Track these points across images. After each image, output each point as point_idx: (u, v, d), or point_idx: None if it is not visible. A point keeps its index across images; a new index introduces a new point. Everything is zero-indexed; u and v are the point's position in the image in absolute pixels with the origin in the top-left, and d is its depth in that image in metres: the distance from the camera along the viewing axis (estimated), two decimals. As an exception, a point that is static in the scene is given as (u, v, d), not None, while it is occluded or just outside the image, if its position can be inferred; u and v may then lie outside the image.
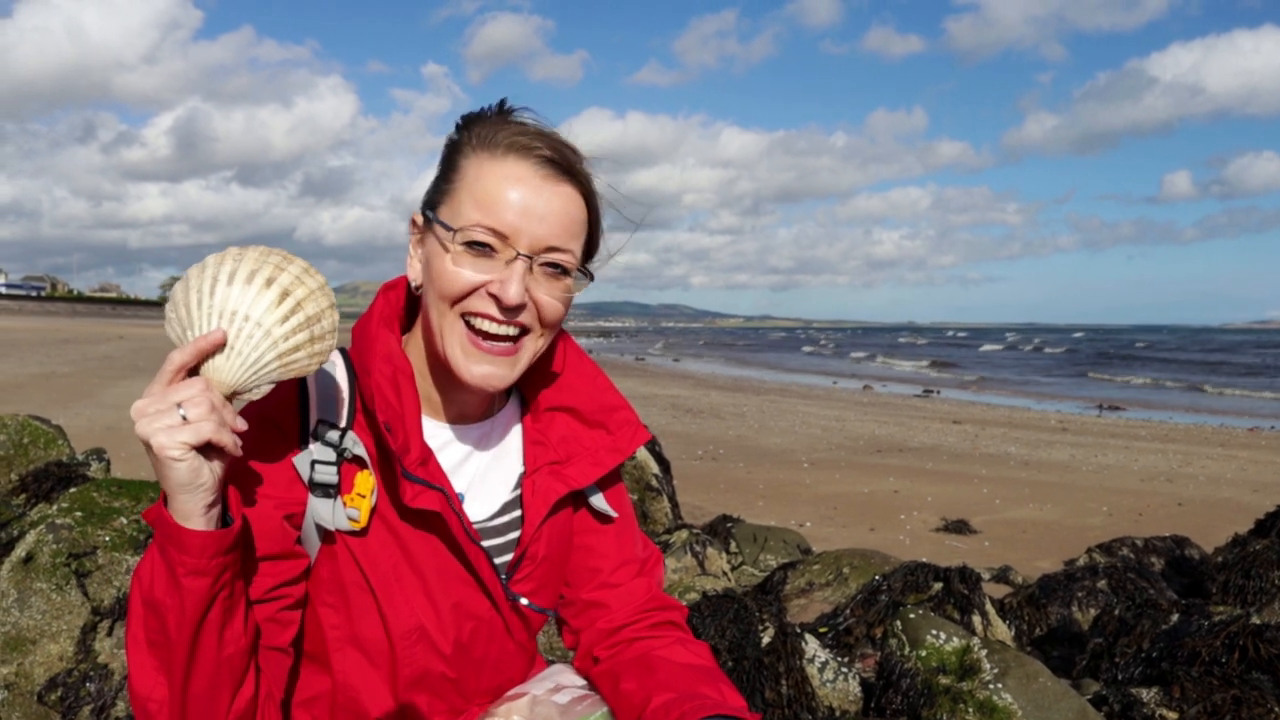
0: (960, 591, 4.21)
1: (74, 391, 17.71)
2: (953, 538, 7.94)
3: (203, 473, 1.19)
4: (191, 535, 1.20)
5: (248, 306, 1.23)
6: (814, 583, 5.04)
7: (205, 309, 1.23)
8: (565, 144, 1.46)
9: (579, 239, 1.46)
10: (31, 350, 32.30)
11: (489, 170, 1.41)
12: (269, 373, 1.25)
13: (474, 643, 1.53)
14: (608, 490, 1.68)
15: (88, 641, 3.18)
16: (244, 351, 1.22)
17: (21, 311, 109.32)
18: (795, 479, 10.60)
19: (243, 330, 1.22)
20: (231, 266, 1.25)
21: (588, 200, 1.47)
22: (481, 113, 1.49)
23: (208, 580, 1.22)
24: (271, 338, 1.24)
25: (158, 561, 1.23)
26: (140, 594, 1.25)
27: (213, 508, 1.23)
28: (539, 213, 1.40)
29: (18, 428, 5.53)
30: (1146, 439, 15.88)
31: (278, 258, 1.28)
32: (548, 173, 1.42)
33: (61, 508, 3.52)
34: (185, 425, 1.17)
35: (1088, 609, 4.56)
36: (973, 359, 58.03)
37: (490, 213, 1.39)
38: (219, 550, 1.22)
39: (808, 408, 20.44)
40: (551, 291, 1.44)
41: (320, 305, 1.29)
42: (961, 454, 13.18)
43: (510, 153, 1.42)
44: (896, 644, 3.15)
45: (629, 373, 33.29)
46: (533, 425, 1.64)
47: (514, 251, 1.40)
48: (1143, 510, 9.25)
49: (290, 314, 1.25)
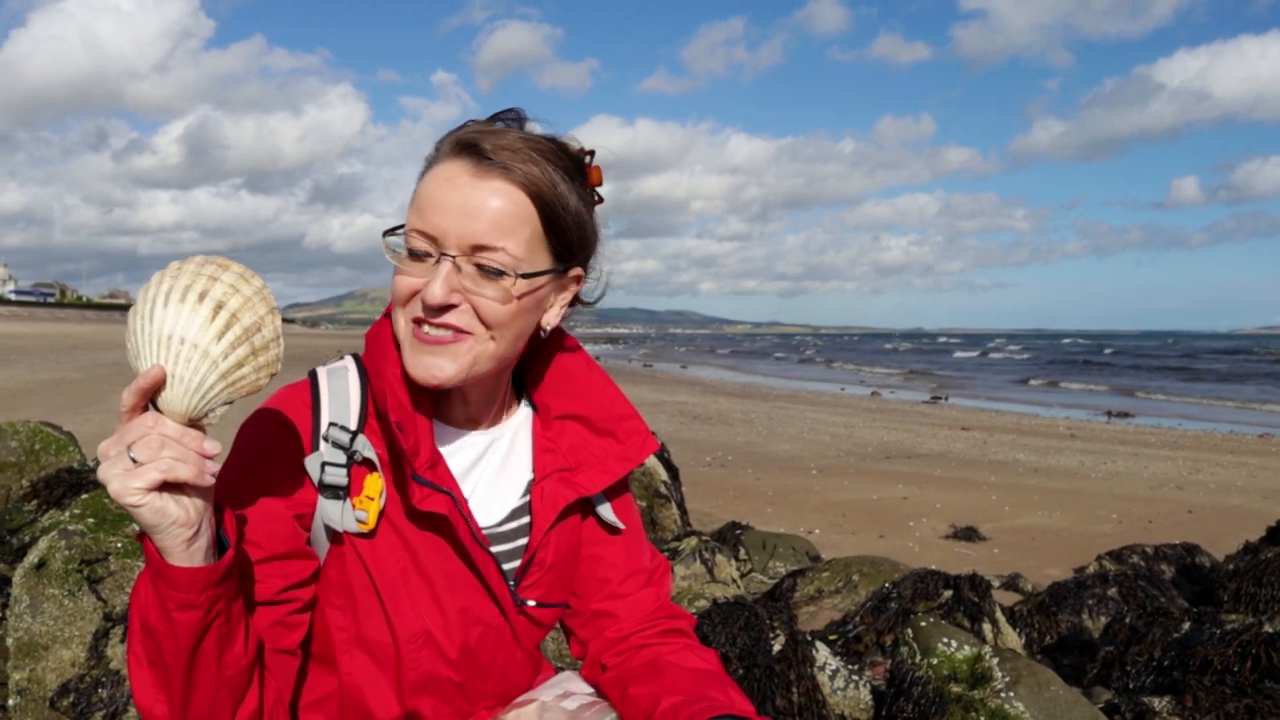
0: (970, 599, 4.20)
1: (84, 397, 17.77)
2: (962, 545, 7.92)
3: (168, 512, 1.15)
4: (178, 572, 1.18)
5: (183, 328, 1.16)
6: (823, 590, 5.03)
7: (147, 335, 1.16)
8: (525, 140, 1.43)
9: (515, 236, 1.40)
10: (41, 356, 32.43)
11: (430, 174, 1.42)
12: (216, 395, 1.18)
13: (481, 648, 1.54)
14: (616, 500, 1.69)
15: (100, 647, 3.19)
16: (185, 378, 1.15)
17: (31, 318, 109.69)
18: (804, 485, 10.59)
19: (180, 354, 1.15)
20: (168, 285, 1.18)
21: (533, 194, 1.41)
22: (464, 123, 1.48)
23: (198, 614, 1.20)
24: (210, 358, 1.16)
25: (149, 588, 1.21)
26: (137, 615, 1.24)
27: (195, 541, 1.19)
28: (465, 210, 1.37)
29: (29, 434, 5.56)
30: (1156, 446, 15.82)
31: (212, 268, 1.20)
32: (478, 169, 1.39)
33: (74, 514, 3.53)
34: (136, 470, 1.12)
35: (1098, 617, 4.55)
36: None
37: (423, 216, 1.39)
38: (209, 584, 1.20)
39: (816, 414, 20.41)
40: (487, 292, 1.40)
41: (258, 313, 1.20)
42: (970, 460, 13.15)
43: (449, 154, 1.42)
44: (908, 652, 3.14)
45: (637, 379, 33.29)
46: (543, 433, 1.65)
47: (439, 252, 1.39)
48: (1153, 517, 9.21)
49: (225, 329, 1.17)
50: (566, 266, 1.50)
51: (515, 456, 1.62)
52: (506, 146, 1.41)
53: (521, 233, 1.40)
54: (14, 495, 5.21)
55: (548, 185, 1.42)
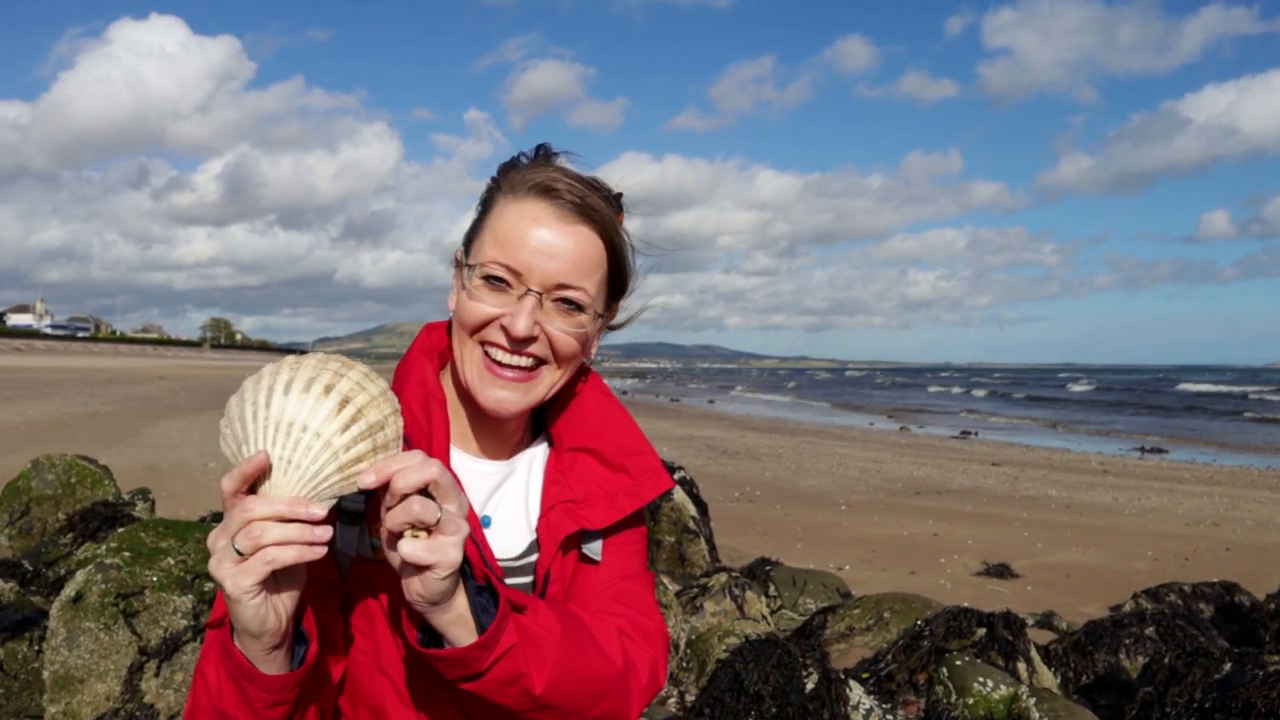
0: (1004, 637, 4.14)
1: (117, 431, 17.98)
2: (994, 582, 7.82)
3: (268, 620, 1.15)
4: (268, 679, 1.19)
5: (305, 416, 1.14)
6: (854, 627, 4.99)
7: (261, 422, 1.14)
8: (590, 185, 1.52)
9: (593, 277, 1.50)
10: (76, 390, 32.88)
11: (510, 210, 1.49)
12: (330, 486, 1.15)
13: None
14: (618, 536, 1.64)
15: (134, 681, 3.21)
16: (302, 464, 1.13)
17: (67, 351, 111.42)
18: (833, 521, 10.51)
19: (300, 441, 1.14)
20: (288, 375, 1.17)
21: (607, 240, 1.52)
22: (518, 158, 1.57)
23: (286, 709, 1.23)
24: (332, 448, 1.15)
25: (226, 680, 1.21)
26: (209, 702, 1.25)
27: (280, 650, 1.20)
28: (552, 251, 1.46)
29: (65, 467, 5.63)
30: (1191, 482, 15.59)
31: (337, 364, 1.21)
32: (564, 213, 1.48)
33: (110, 547, 3.57)
34: (241, 564, 1.12)
35: (1136, 657, 4.47)
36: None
37: (506, 250, 1.46)
38: (298, 683, 1.23)
39: (844, 449, 20.29)
40: (563, 326, 1.49)
41: (383, 412, 1.20)
42: (1001, 496, 13.01)
43: (530, 194, 1.49)
44: (943, 691, 3.10)
45: (664, 414, 33.26)
46: (555, 465, 1.65)
47: (525, 288, 1.46)
48: (1189, 555, 9.07)
49: (351, 422, 1.16)
50: (614, 305, 1.60)
51: (530, 489, 1.64)
52: (585, 193, 1.50)
53: (596, 275, 1.51)
54: (50, 528, 5.27)
55: (616, 233, 1.54)
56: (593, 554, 1.63)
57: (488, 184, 1.57)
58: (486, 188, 1.57)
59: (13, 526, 5.32)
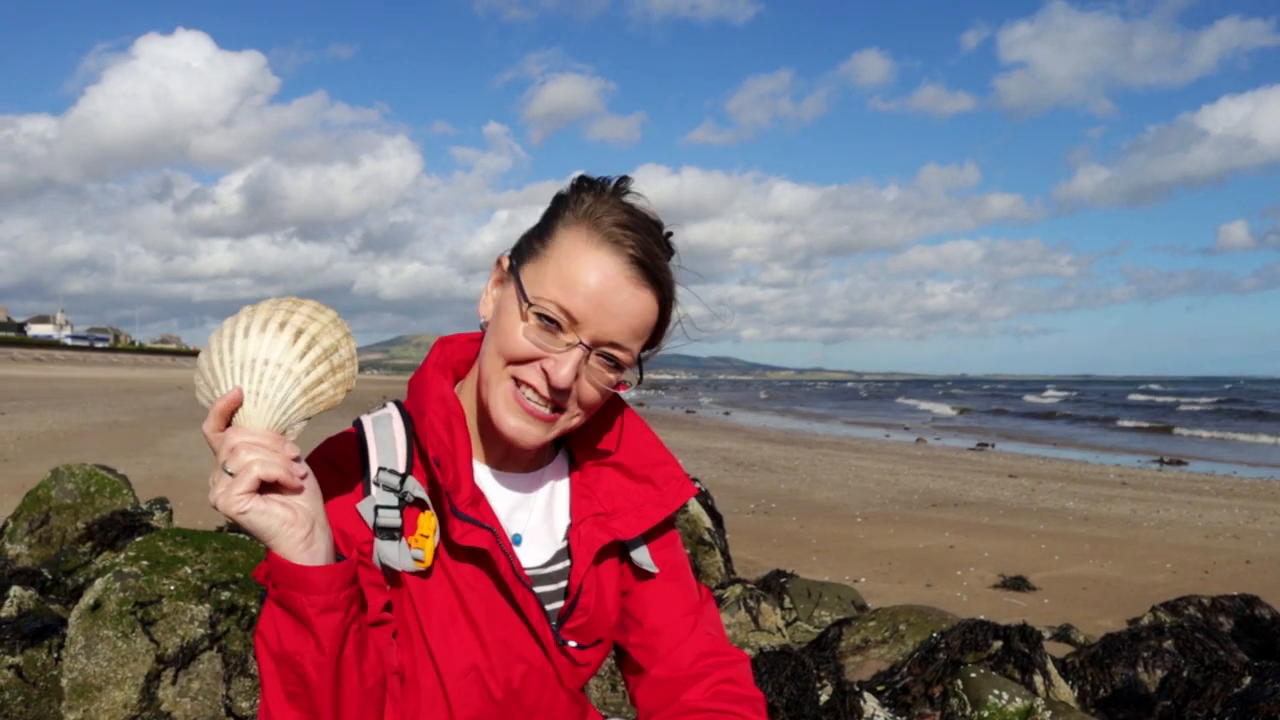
0: (1021, 650, 4.12)
1: (136, 440, 18.09)
2: (1011, 594, 7.77)
3: (274, 512, 1.23)
4: (314, 572, 1.24)
5: (266, 351, 1.26)
6: (870, 640, 4.97)
7: (228, 365, 1.26)
8: (659, 243, 1.51)
9: (642, 340, 1.52)
10: (95, 400, 33.13)
11: (581, 252, 1.46)
12: (298, 409, 1.27)
13: (525, 688, 1.55)
14: (654, 542, 1.70)
15: (152, 689, 3.23)
16: (269, 394, 1.25)
17: (86, 362, 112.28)
18: (849, 533, 10.47)
19: (265, 374, 1.25)
20: (246, 321, 1.29)
21: (663, 306, 1.52)
22: (596, 184, 1.52)
23: (339, 614, 1.26)
24: (293, 375, 1.26)
25: (280, 614, 1.27)
26: (269, 652, 1.29)
27: (313, 541, 1.26)
28: (613, 310, 1.45)
29: (85, 476, 5.67)
30: (1210, 494, 15.46)
31: (288, 303, 1.32)
32: (633, 274, 1.46)
33: (128, 556, 3.60)
34: (232, 480, 1.20)
35: (1154, 670, 4.44)
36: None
37: (569, 294, 1.44)
38: (345, 582, 1.27)
39: (860, 461, 20.22)
40: (598, 380, 1.49)
41: (335, 337, 1.32)
42: (1018, 508, 12.93)
43: (606, 242, 1.46)
44: (958, 704, 3.09)
45: (679, 425, 33.23)
46: (580, 479, 1.68)
47: (577, 338, 1.45)
48: (1209, 567, 8.99)
49: (307, 349, 1.28)
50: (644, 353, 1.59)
51: (554, 501, 1.66)
52: (657, 254, 1.49)
53: (645, 337, 1.52)
54: (69, 537, 5.31)
55: (672, 298, 1.54)
56: (644, 564, 1.68)
57: (556, 198, 1.54)
58: (555, 202, 1.53)
59: (32, 535, 5.36)
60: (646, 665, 1.67)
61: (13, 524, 5.47)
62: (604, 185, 1.52)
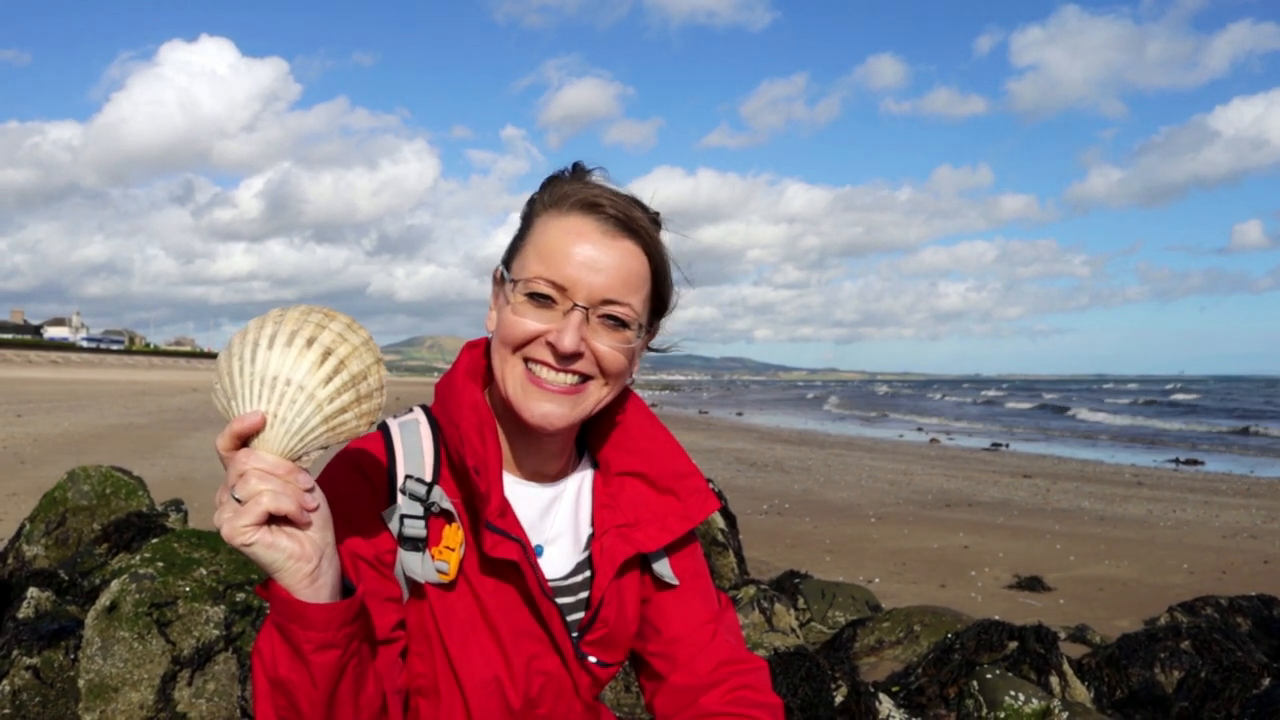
0: (1036, 651, 4.10)
1: (151, 442, 18.19)
2: (1026, 595, 7.73)
3: (280, 546, 1.17)
4: (314, 610, 1.19)
5: (289, 370, 1.17)
6: (884, 640, 4.95)
7: (247, 377, 1.17)
8: (631, 201, 1.51)
9: (639, 293, 1.50)
10: (111, 402, 33.33)
11: (554, 226, 1.48)
12: (316, 438, 1.19)
13: (542, 699, 1.55)
14: (676, 554, 1.69)
15: (167, 690, 3.24)
16: (287, 418, 1.16)
17: (102, 364, 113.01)
18: (862, 534, 10.44)
19: (285, 395, 1.16)
20: (272, 330, 1.19)
21: (650, 255, 1.51)
22: (558, 174, 1.56)
23: (337, 652, 1.22)
24: (315, 401, 1.18)
25: (277, 639, 1.22)
26: (264, 673, 1.25)
27: (319, 577, 1.20)
28: (597, 266, 1.45)
29: (100, 478, 5.70)
30: (1227, 494, 15.35)
31: (319, 316, 1.22)
32: (608, 228, 1.47)
33: (144, 558, 3.61)
34: (240, 509, 1.15)
35: (1171, 671, 4.41)
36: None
37: (551, 266, 1.45)
38: (346, 620, 1.22)
39: (873, 461, 20.16)
40: (610, 342, 1.48)
41: (365, 362, 1.22)
42: (1033, 509, 12.87)
43: (573, 209, 1.48)
44: (973, 704, 3.08)
45: (693, 426, 33.20)
46: (603, 489, 1.67)
47: (571, 303, 1.45)
48: (1226, 568, 8.92)
49: (333, 374, 1.19)
50: (656, 323, 1.60)
51: (578, 512, 1.65)
52: (630, 209, 1.50)
53: (642, 291, 1.51)
54: (85, 538, 5.34)
55: (659, 248, 1.54)
56: (665, 575, 1.67)
57: (528, 201, 1.56)
58: (527, 205, 1.56)
59: (49, 537, 5.39)
60: (665, 673, 1.66)
61: (30, 525, 5.50)
62: (563, 174, 1.55)
